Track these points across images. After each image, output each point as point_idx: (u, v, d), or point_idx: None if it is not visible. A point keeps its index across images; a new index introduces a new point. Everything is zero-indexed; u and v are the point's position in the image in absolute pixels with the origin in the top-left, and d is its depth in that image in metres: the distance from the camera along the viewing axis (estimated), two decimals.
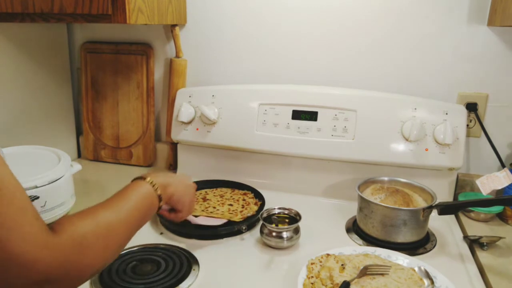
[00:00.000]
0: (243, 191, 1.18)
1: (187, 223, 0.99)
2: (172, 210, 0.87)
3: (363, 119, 1.15)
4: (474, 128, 1.20)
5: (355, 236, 1.02)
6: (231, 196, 1.15)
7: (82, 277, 0.52)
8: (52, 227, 0.51)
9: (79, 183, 1.18)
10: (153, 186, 0.70)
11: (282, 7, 1.25)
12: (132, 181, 0.71)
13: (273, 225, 0.96)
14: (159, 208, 0.72)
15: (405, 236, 0.96)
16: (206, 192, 1.19)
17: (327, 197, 1.22)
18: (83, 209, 0.58)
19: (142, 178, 0.71)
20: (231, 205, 1.10)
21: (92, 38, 1.45)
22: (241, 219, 1.02)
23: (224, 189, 1.20)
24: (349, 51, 1.24)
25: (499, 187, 0.92)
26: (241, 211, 1.06)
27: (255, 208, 1.08)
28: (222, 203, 1.10)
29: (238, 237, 1.01)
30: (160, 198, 0.71)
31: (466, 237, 1.01)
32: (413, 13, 1.17)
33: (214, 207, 1.08)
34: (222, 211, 1.06)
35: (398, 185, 1.08)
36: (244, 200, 1.13)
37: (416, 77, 1.22)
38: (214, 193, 1.18)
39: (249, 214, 1.05)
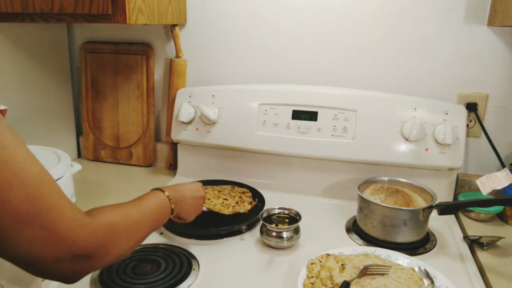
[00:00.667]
0: (242, 189, 1.19)
1: None
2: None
3: (363, 119, 1.15)
4: (474, 128, 1.20)
5: (355, 236, 1.02)
6: (229, 193, 1.16)
7: (107, 259, 0.58)
8: (87, 212, 0.58)
9: (79, 183, 1.18)
10: (170, 200, 0.78)
11: (282, 7, 1.25)
12: (152, 190, 0.79)
13: (273, 225, 0.96)
14: (169, 219, 0.80)
15: (405, 236, 0.97)
16: (206, 187, 1.19)
17: (327, 197, 1.22)
18: (112, 204, 0.64)
19: (161, 190, 0.78)
20: (226, 199, 1.11)
21: (92, 38, 1.45)
22: (231, 213, 1.04)
23: (224, 186, 1.21)
24: (349, 51, 1.24)
25: (499, 187, 0.92)
26: (233, 206, 1.07)
27: (249, 207, 1.09)
28: (218, 197, 1.12)
29: (238, 237, 1.01)
30: (172, 211, 0.79)
31: (466, 237, 1.01)
32: (413, 13, 1.17)
33: (209, 199, 1.09)
34: (215, 203, 1.07)
35: (398, 185, 1.08)
36: (240, 197, 1.13)
37: (416, 77, 1.22)
38: (214, 188, 1.19)
39: (240, 211, 1.06)
